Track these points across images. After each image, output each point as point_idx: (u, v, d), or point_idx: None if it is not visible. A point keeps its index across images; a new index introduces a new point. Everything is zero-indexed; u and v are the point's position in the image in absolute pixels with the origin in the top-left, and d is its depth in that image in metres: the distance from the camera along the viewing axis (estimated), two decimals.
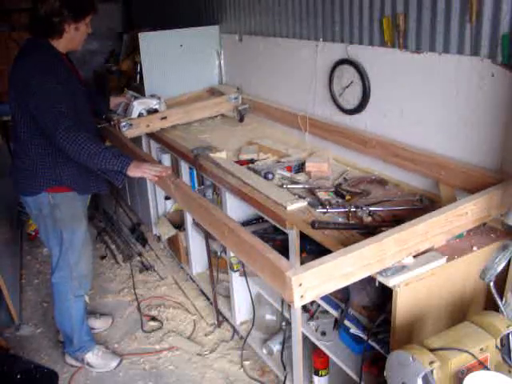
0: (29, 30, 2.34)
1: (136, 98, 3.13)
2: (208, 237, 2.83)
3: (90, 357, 2.67)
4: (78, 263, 2.53)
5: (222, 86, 3.65)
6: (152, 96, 3.19)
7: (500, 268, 1.62)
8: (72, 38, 2.34)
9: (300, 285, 1.36)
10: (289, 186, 2.22)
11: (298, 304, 1.41)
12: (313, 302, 2.13)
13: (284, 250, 2.00)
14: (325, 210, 1.97)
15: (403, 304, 1.56)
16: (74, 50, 2.44)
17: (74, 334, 2.62)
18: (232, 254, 2.52)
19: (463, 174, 1.91)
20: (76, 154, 2.19)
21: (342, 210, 1.96)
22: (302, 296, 1.39)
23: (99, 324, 3.02)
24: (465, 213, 1.64)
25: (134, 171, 2.24)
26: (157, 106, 3.14)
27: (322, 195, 2.11)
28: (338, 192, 2.13)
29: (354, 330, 1.82)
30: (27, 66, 2.22)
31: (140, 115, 3.07)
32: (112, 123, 3.00)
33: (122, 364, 2.70)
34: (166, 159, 3.35)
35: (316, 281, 1.39)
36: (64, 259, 2.49)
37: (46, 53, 2.29)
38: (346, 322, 1.85)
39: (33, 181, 2.35)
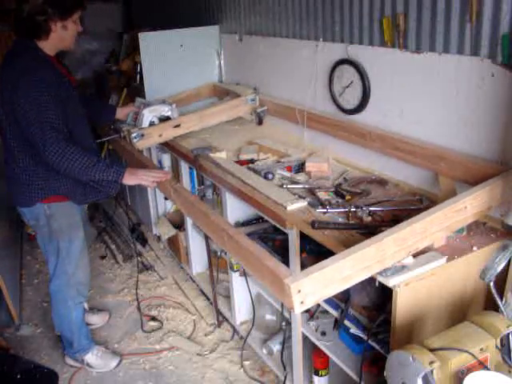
0: (14, 32, 2.24)
1: (146, 105, 2.90)
2: (208, 237, 2.82)
3: (90, 357, 2.67)
4: (75, 272, 2.50)
5: (237, 85, 3.45)
6: (163, 102, 2.96)
7: (500, 268, 1.62)
8: (61, 38, 2.22)
9: (299, 291, 1.36)
10: (289, 186, 2.22)
11: (298, 310, 1.40)
12: None
13: (284, 250, 2.01)
14: (325, 210, 1.97)
15: (403, 304, 1.56)
16: (66, 50, 2.34)
17: (74, 337, 2.62)
18: None
19: (463, 166, 1.90)
20: (67, 169, 2.13)
21: (342, 210, 1.96)
22: (302, 302, 1.38)
23: (96, 319, 3.04)
24: (464, 207, 1.63)
25: (129, 179, 2.24)
26: (169, 113, 2.91)
27: (322, 195, 2.11)
28: (338, 192, 2.13)
29: (354, 330, 1.82)
30: (14, 71, 2.10)
31: (151, 124, 2.85)
32: (122, 135, 2.83)
33: (122, 364, 2.70)
34: (166, 159, 3.36)
35: (315, 286, 1.39)
36: (61, 268, 2.46)
37: (33, 56, 2.16)
38: (346, 322, 1.85)
39: (26, 192, 2.26)
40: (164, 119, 2.90)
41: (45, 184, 2.26)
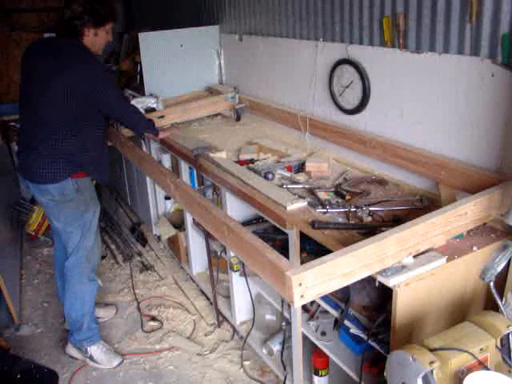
0: (55, 31, 2.52)
1: (134, 97, 3.19)
2: (208, 237, 2.83)
3: (95, 350, 2.68)
4: (92, 247, 2.62)
5: (220, 85, 3.68)
6: (150, 95, 3.24)
7: (500, 268, 1.62)
8: (92, 43, 2.46)
9: (300, 284, 1.36)
10: (289, 186, 2.22)
11: (298, 304, 1.41)
12: (313, 302, 2.13)
13: (284, 250, 2.00)
14: (325, 210, 1.97)
15: (403, 304, 1.56)
16: (95, 54, 2.52)
17: (85, 319, 2.65)
18: (232, 254, 2.52)
19: (463, 175, 1.91)
20: (139, 124, 2.67)
21: (342, 210, 1.96)
22: (302, 296, 1.39)
23: (103, 313, 3.07)
24: (465, 213, 1.64)
25: (162, 133, 2.80)
26: (154, 105, 3.19)
27: (322, 195, 2.11)
28: (338, 192, 2.13)
29: (354, 330, 1.82)
30: (82, 59, 2.35)
31: None
32: (110, 122, 3.02)
33: (123, 364, 2.70)
34: (166, 159, 3.35)
35: (316, 280, 1.39)
36: (83, 243, 2.57)
37: (87, 49, 2.44)
38: (346, 322, 1.85)
39: (57, 167, 2.40)
40: (150, 110, 3.18)
41: (76, 160, 2.44)
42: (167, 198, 3.58)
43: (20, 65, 2.49)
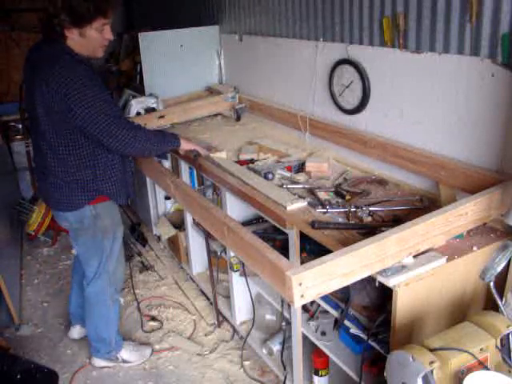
0: (41, 32, 2.16)
1: (134, 97, 3.20)
2: (208, 237, 2.82)
3: (124, 352, 2.67)
4: (115, 270, 2.52)
5: (220, 85, 3.68)
6: (150, 95, 3.25)
7: (500, 268, 1.62)
8: (79, 45, 2.10)
9: (300, 284, 1.37)
10: (289, 186, 2.22)
11: (298, 304, 1.41)
12: (313, 302, 2.13)
13: (284, 250, 2.00)
14: (325, 210, 1.97)
15: (403, 304, 1.56)
16: (93, 57, 2.18)
17: (112, 336, 2.61)
18: (232, 254, 2.52)
19: (463, 175, 1.91)
20: (141, 150, 2.20)
21: (342, 210, 1.96)
22: (302, 295, 1.39)
23: None
24: (465, 213, 1.64)
25: (185, 145, 2.46)
26: (154, 105, 3.20)
27: (322, 195, 2.11)
28: (338, 192, 2.13)
29: (354, 329, 1.82)
30: (62, 74, 1.99)
31: (138, 114, 3.12)
32: None
33: (122, 364, 2.69)
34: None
35: (316, 280, 1.39)
36: (104, 268, 2.44)
37: (68, 55, 2.07)
38: (346, 322, 1.85)
39: (73, 196, 2.24)
40: (150, 110, 3.19)
41: (92, 186, 2.24)
42: (167, 197, 3.58)
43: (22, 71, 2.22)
